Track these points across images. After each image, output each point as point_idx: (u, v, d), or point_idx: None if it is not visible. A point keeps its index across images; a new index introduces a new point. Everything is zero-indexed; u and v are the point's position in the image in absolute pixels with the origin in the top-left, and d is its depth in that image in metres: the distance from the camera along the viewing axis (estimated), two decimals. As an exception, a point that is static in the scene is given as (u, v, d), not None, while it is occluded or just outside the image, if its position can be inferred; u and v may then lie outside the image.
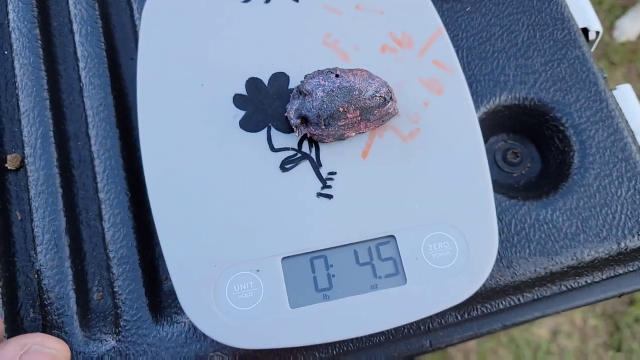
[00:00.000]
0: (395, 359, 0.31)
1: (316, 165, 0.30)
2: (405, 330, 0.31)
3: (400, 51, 0.32)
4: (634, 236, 0.31)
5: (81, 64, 0.34)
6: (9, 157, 0.34)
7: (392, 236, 0.29)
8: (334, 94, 0.29)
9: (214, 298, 0.27)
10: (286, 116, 0.31)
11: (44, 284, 0.30)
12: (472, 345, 1.18)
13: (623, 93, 0.36)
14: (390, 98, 0.30)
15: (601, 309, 1.21)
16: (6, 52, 0.36)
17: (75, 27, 0.35)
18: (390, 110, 0.30)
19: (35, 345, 0.25)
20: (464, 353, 1.18)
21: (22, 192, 0.33)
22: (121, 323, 0.29)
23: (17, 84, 0.34)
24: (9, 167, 0.33)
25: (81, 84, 0.34)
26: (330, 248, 0.29)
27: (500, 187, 0.33)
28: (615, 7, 1.46)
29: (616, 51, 1.40)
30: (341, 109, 0.29)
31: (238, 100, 0.32)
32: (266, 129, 0.31)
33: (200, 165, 0.30)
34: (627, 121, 0.33)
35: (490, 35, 0.35)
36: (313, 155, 0.30)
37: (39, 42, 0.35)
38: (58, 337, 0.29)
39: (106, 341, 0.29)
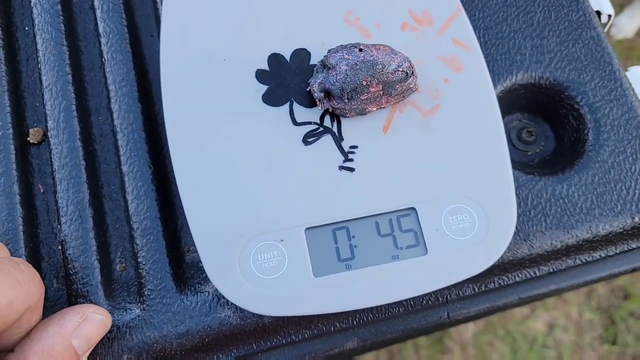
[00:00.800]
0: (412, 330, 0.32)
1: (338, 139, 0.31)
2: (424, 301, 0.31)
3: (420, 29, 0.33)
4: (647, 211, 0.31)
5: (103, 40, 0.35)
6: (31, 130, 0.34)
7: (413, 208, 0.30)
8: (357, 67, 0.29)
9: (239, 267, 0.28)
10: (308, 90, 0.31)
11: (69, 254, 0.30)
12: (469, 338, 1.19)
13: (635, 74, 0.36)
14: (412, 73, 0.30)
15: (596, 303, 1.22)
16: (27, 28, 0.36)
17: (96, 3, 0.35)
18: (411, 86, 0.31)
19: (90, 313, 0.26)
20: (460, 345, 1.19)
21: (44, 165, 0.33)
22: (145, 292, 0.30)
23: (39, 59, 0.34)
24: (31, 141, 0.34)
25: (103, 60, 0.34)
26: (353, 219, 0.29)
27: (516, 164, 0.34)
28: (612, 5, 1.47)
29: (614, 48, 1.41)
30: (364, 83, 0.29)
31: (260, 75, 0.32)
32: (288, 103, 0.31)
33: (224, 138, 0.30)
34: (639, 100, 0.34)
35: (506, 15, 0.36)
36: (335, 129, 0.31)
37: (61, 17, 0.35)
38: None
39: (131, 310, 0.30)
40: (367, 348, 0.34)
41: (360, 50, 0.30)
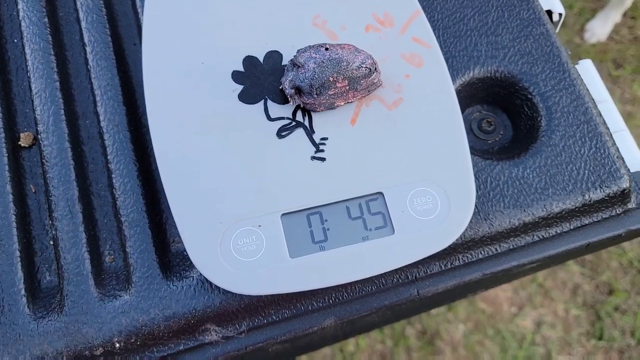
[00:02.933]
0: (385, 308, 0.34)
1: (309, 132, 0.33)
2: (394, 280, 0.34)
3: (382, 30, 0.36)
4: (596, 189, 0.34)
5: (88, 49, 0.37)
6: (22, 135, 0.36)
7: (381, 193, 0.32)
8: (324, 65, 0.32)
9: (221, 251, 0.30)
10: (281, 89, 0.34)
11: (60, 248, 0.32)
12: (460, 339, 1.21)
13: (584, 67, 0.39)
14: (375, 69, 0.33)
15: (582, 300, 1.25)
16: (16, 40, 0.38)
17: (81, 15, 0.38)
18: (375, 81, 0.33)
19: None
20: (451, 346, 1.21)
21: (35, 167, 0.36)
22: (133, 280, 0.32)
23: (28, 68, 0.36)
24: (22, 145, 0.36)
25: (88, 67, 0.37)
26: (325, 205, 0.32)
27: (477, 152, 0.37)
28: (585, 11, 1.52)
29: (587, 52, 1.46)
30: (331, 79, 0.32)
31: (236, 76, 0.35)
32: (263, 101, 0.34)
33: (204, 134, 0.33)
34: (588, 90, 0.37)
35: (463, 15, 0.39)
36: (306, 123, 0.34)
37: (48, 29, 0.37)
38: (74, 296, 0.31)
39: (120, 296, 0.32)
40: (346, 332, 0.36)
41: (327, 49, 0.32)
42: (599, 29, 1.46)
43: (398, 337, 1.21)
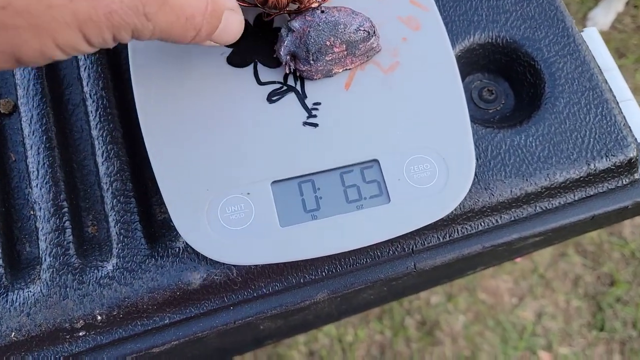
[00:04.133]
0: (381, 281, 0.32)
1: (301, 97, 0.32)
2: (391, 252, 0.32)
3: (378, -9, 0.34)
4: (602, 157, 0.33)
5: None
6: (1, 101, 0.34)
7: (376, 160, 0.31)
8: (320, 28, 0.30)
9: (208, 220, 0.29)
10: (275, 56, 0.32)
11: (39, 216, 0.31)
12: (460, 330, 1.20)
13: (589, 35, 0.38)
14: (374, 33, 0.31)
15: (583, 291, 1.24)
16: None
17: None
18: (374, 46, 0.32)
19: None
20: (451, 337, 1.20)
21: (15, 135, 0.34)
22: (116, 251, 0.30)
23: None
24: (2, 111, 0.34)
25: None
26: (317, 172, 0.30)
27: (478, 121, 0.35)
28: (589, -1, 1.50)
29: (590, 40, 1.44)
30: (328, 43, 0.30)
31: (225, 39, 0.33)
32: (252, 64, 0.32)
33: (191, 98, 0.31)
34: (593, 56, 0.35)
35: (463, -21, 0.37)
36: (298, 87, 0.32)
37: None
38: (54, 267, 0.30)
39: (102, 267, 0.30)
40: (341, 310, 0.35)
41: (322, 12, 0.31)
42: (602, 17, 1.44)
43: (397, 328, 1.20)
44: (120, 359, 0.30)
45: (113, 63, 0.35)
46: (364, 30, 0.31)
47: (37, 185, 0.31)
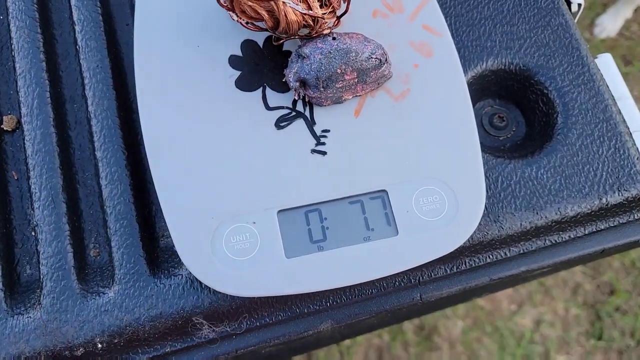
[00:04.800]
0: (385, 312, 0.32)
1: (310, 123, 0.31)
2: (397, 283, 0.32)
3: (391, 16, 0.33)
4: (614, 192, 0.32)
5: (77, 27, 0.35)
6: (5, 118, 0.34)
7: (384, 190, 0.30)
8: (331, 55, 0.30)
9: (212, 249, 0.28)
10: (284, 80, 0.32)
11: (41, 239, 0.30)
12: (458, 335, 1.20)
13: (604, 62, 0.37)
14: (386, 60, 0.31)
15: (583, 299, 1.23)
16: (1, 17, 0.36)
17: (71, -9, 0.35)
18: (385, 73, 0.31)
19: None
20: (449, 342, 1.20)
21: (17, 152, 0.33)
22: (118, 276, 0.30)
23: (13, 47, 0.34)
24: (5, 128, 0.34)
25: (77, 47, 0.35)
26: (325, 202, 0.30)
27: (488, 149, 0.34)
28: (596, 5, 1.49)
29: (597, 47, 1.43)
30: (339, 71, 0.30)
31: (233, 61, 0.32)
32: (261, 88, 0.32)
33: (197, 123, 0.30)
34: (607, 85, 0.34)
35: (477, 3, 0.36)
36: (307, 113, 0.31)
37: (35, 5, 0.35)
38: (54, 292, 0.29)
39: (104, 294, 0.30)
40: (344, 334, 0.34)
41: (334, 38, 0.30)
42: (610, 24, 1.43)
43: (395, 332, 1.20)
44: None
45: (118, 82, 0.34)
46: (376, 58, 0.30)
47: (39, 207, 0.31)
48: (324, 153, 0.31)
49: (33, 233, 0.31)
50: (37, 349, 0.28)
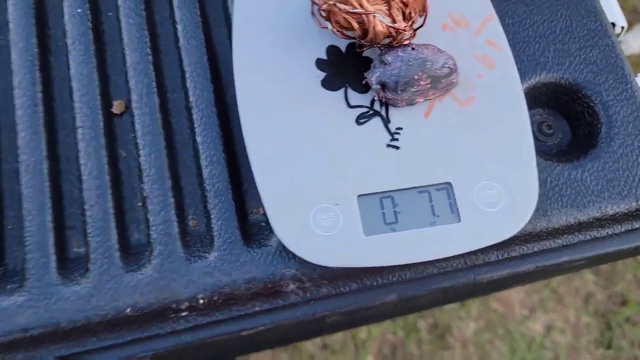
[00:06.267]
0: (443, 290, 0.37)
1: (386, 121, 0.36)
2: (455, 265, 0.36)
3: (457, 30, 0.38)
4: (649, 196, 0.36)
5: (179, 27, 0.40)
6: (115, 102, 0.39)
7: (449, 183, 0.35)
8: (410, 63, 0.34)
9: (302, 224, 0.33)
10: (364, 82, 0.36)
11: (150, 209, 0.35)
12: (470, 336, 1.23)
13: (643, 80, 0.41)
14: (455, 69, 0.35)
15: (594, 308, 1.26)
16: (110, 14, 0.41)
17: (173, -6, 0.40)
18: (454, 80, 0.36)
19: None
20: (462, 342, 1.23)
21: (125, 133, 0.38)
22: (217, 244, 0.35)
23: (123, 42, 0.39)
24: (114, 112, 0.39)
25: (178, 45, 0.39)
26: (397, 190, 0.34)
27: (537, 152, 0.39)
28: (622, 21, 1.52)
29: (621, 63, 1.46)
30: (416, 77, 0.34)
31: (320, 64, 0.37)
32: (343, 88, 0.36)
33: (289, 116, 0.35)
34: (646, 102, 0.39)
35: (532, 22, 0.41)
36: (383, 113, 0.36)
37: (142, 5, 0.40)
38: (163, 254, 0.34)
39: (205, 258, 0.34)
40: (403, 309, 0.39)
41: (413, 49, 0.35)
42: (634, 42, 1.46)
43: (410, 329, 1.23)
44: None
45: (215, 76, 0.39)
46: (448, 67, 0.35)
47: (147, 182, 0.36)
48: (397, 147, 0.35)
49: (140, 203, 0.36)
50: (150, 301, 0.33)
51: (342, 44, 0.38)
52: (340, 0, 0.32)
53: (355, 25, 0.34)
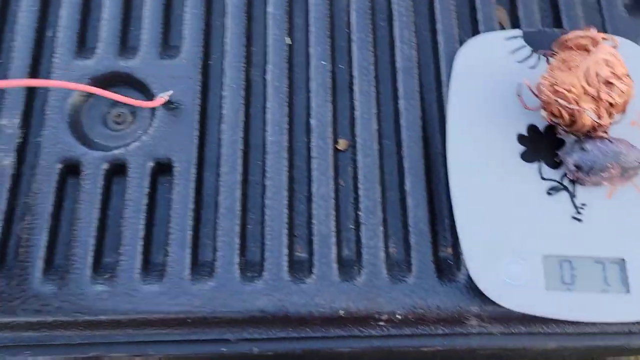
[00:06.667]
0: (594, 347, 0.42)
1: (572, 196, 0.43)
2: (614, 329, 0.42)
3: (645, 127, 0.44)
4: None
5: (400, 91, 0.49)
6: (340, 140, 0.48)
7: (623, 259, 0.41)
8: (607, 154, 0.41)
9: (495, 272, 0.40)
10: (559, 161, 0.43)
11: (363, 233, 0.44)
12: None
13: None
14: (642, 163, 0.42)
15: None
16: (342, 67, 0.51)
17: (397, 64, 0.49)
18: (638, 172, 0.42)
19: None
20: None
21: (344, 166, 0.47)
22: (414, 272, 0.43)
23: (354, 92, 0.49)
24: (338, 147, 0.48)
25: (397, 103, 0.48)
26: (576, 256, 0.41)
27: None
28: None
29: None
30: (609, 165, 0.41)
31: (520, 139, 0.44)
32: (537, 162, 0.43)
33: (491, 180, 0.43)
34: None
35: None
36: (571, 189, 0.43)
37: (373, 72, 0.49)
38: (370, 273, 0.43)
39: (404, 281, 0.43)
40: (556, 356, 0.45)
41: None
42: None
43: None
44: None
45: (425, 130, 0.47)
46: (638, 161, 0.41)
47: (363, 211, 0.45)
48: (580, 220, 0.42)
49: (352, 226, 0.45)
50: (357, 308, 0.42)
51: (540, 124, 0.45)
52: (560, 96, 0.40)
53: (566, 116, 0.41)
